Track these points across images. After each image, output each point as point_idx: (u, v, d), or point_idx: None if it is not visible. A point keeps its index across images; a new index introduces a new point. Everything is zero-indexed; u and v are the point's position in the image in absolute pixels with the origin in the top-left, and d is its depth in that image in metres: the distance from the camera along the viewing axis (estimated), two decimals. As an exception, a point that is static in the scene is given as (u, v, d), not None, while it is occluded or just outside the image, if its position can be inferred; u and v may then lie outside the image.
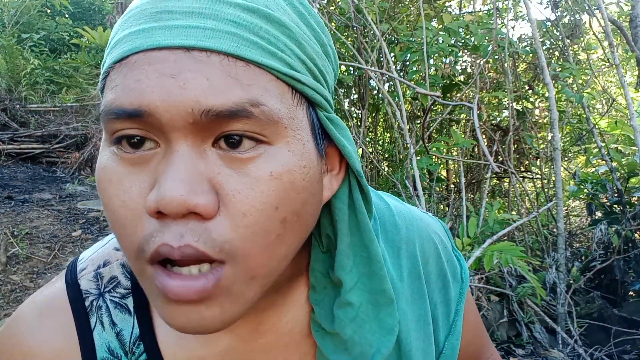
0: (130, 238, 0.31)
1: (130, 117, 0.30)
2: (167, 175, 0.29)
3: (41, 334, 0.39)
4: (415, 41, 3.81)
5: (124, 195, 0.31)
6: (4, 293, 2.61)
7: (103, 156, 0.33)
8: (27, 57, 5.89)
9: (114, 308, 0.41)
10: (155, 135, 0.31)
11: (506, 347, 2.92)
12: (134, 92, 0.29)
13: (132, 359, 0.40)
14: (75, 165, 4.90)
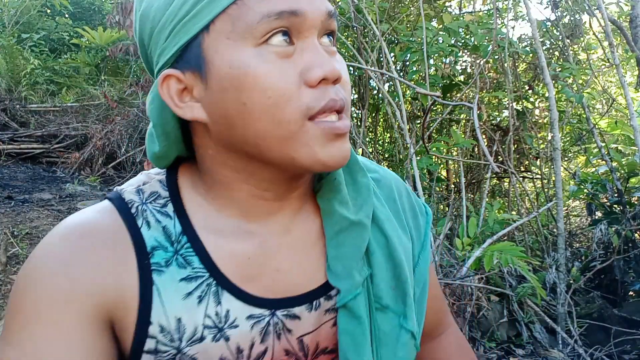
0: (294, 105, 0.43)
1: (289, 15, 0.42)
2: (322, 58, 0.44)
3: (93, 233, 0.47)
4: (415, 41, 3.81)
5: (284, 77, 0.43)
6: (4, 293, 2.61)
7: (245, 55, 0.43)
8: (27, 57, 5.89)
9: (156, 212, 0.49)
10: (294, 34, 0.44)
11: (506, 347, 2.92)
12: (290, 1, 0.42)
13: (177, 247, 0.47)
14: (75, 165, 4.89)
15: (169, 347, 0.46)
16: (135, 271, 0.45)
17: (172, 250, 0.47)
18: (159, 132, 0.49)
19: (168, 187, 0.50)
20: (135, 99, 5.58)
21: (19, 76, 5.76)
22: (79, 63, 6.26)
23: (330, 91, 0.45)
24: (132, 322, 0.45)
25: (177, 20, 0.44)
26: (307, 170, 0.46)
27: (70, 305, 0.43)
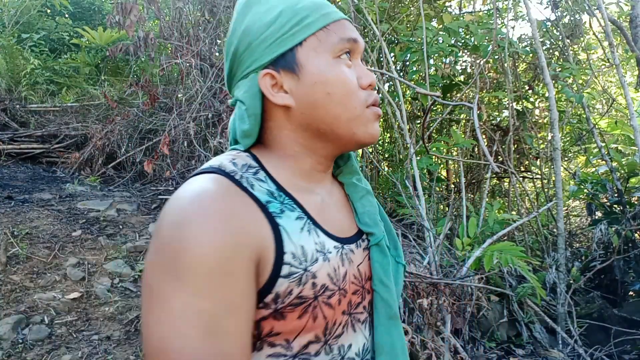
0: (357, 97, 0.65)
1: (353, 41, 0.65)
2: (367, 72, 0.67)
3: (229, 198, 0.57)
4: (415, 41, 3.81)
5: (352, 80, 0.65)
6: (4, 293, 2.61)
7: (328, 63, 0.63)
8: (27, 57, 5.89)
9: (252, 178, 0.61)
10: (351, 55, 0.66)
11: (506, 347, 2.91)
12: (353, 32, 0.65)
13: (280, 200, 0.61)
14: (75, 165, 4.89)
15: (299, 269, 0.59)
16: (264, 219, 0.58)
17: (279, 202, 0.61)
18: (250, 113, 0.65)
19: (253, 159, 0.65)
20: (135, 99, 5.58)
21: (19, 76, 5.76)
22: (79, 63, 6.26)
23: (373, 93, 0.68)
24: (271, 256, 0.57)
25: (276, 37, 0.64)
26: (360, 143, 0.68)
27: (238, 256, 0.53)
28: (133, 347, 2.41)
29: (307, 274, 0.59)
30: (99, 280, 2.87)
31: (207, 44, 4.84)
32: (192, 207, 0.54)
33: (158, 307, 0.51)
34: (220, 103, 4.43)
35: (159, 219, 0.57)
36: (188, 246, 0.51)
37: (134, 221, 3.73)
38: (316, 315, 0.60)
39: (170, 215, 0.55)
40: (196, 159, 4.55)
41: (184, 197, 0.56)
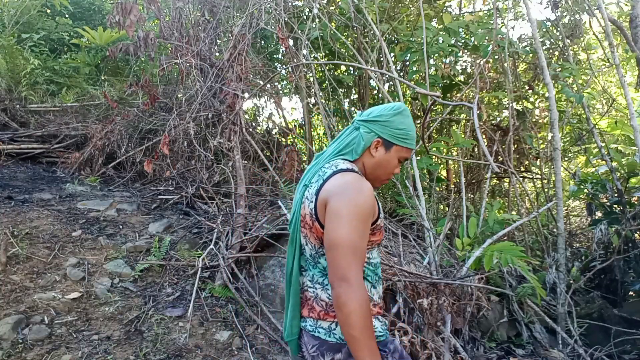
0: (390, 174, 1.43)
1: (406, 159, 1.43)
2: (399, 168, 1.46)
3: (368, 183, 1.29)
4: (415, 41, 3.81)
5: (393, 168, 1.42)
6: (4, 293, 2.61)
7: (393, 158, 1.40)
8: (27, 57, 5.88)
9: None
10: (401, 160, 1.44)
11: (506, 347, 2.91)
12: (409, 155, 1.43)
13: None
14: (75, 165, 4.88)
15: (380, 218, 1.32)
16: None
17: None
18: (362, 146, 1.37)
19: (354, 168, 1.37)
20: (135, 99, 5.58)
21: (19, 76, 5.75)
22: (79, 63, 6.25)
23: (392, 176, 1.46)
24: (376, 210, 1.30)
25: (394, 134, 1.37)
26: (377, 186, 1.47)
27: (373, 210, 1.26)
28: (133, 347, 2.41)
29: (381, 220, 1.34)
30: (99, 280, 2.87)
31: (207, 44, 4.84)
32: (362, 186, 1.24)
33: (350, 227, 1.18)
34: (220, 103, 4.43)
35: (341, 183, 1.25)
36: (364, 200, 1.22)
37: (134, 221, 3.73)
38: (381, 233, 1.36)
39: (352, 187, 1.24)
40: (196, 159, 4.55)
41: (354, 176, 1.28)
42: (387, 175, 1.40)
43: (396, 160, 1.38)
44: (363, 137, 1.36)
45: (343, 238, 1.17)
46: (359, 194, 1.21)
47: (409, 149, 1.39)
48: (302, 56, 4.28)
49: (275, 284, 3.01)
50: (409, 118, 1.39)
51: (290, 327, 1.41)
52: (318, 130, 6.37)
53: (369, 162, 1.38)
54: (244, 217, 3.61)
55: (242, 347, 2.60)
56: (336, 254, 1.17)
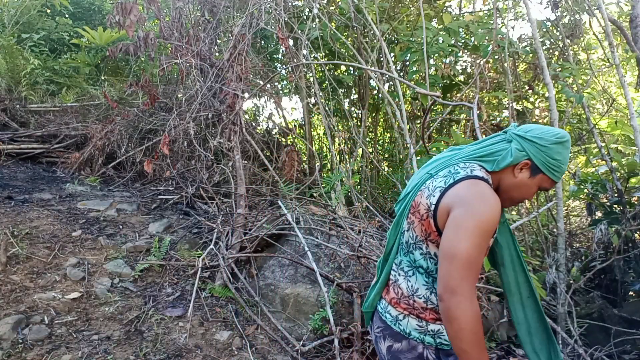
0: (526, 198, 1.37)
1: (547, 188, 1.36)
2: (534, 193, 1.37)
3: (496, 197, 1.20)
4: (415, 41, 3.81)
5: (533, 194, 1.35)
6: (4, 293, 2.61)
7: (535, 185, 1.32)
8: (27, 57, 5.88)
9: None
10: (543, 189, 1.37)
11: (506, 347, 2.91)
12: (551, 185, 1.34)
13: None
14: (75, 165, 4.88)
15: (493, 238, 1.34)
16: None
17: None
18: (508, 162, 1.29)
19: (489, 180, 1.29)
20: (135, 99, 5.58)
21: (19, 76, 5.75)
22: (79, 63, 6.25)
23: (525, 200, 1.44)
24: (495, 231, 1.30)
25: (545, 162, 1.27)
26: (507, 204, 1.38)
27: (496, 226, 1.19)
28: (133, 347, 2.41)
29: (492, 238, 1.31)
30: (99, 280, 2.87)
31: (207, 44, 4.84)
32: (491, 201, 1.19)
33: (467, 235, 1.14)
34: (220, 103, 4.43)
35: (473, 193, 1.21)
36: (491, 216, 1.17)
37: (134, 221, 3.73)
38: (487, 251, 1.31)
39: (484, 194, 1.20)
40: (196, 159, 4.55)
41: (486, 188, 1.22)
42: (521, 199, 1.33)
43: (536, 188, 1.30)
44: (512, 153, 1.28)
45: (462, 251, 1.13)
46: (488, 208, 1.17)
47: (555, 181, 1.30)
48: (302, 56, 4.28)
49: (275, 284, 3.01)
50: (568, 150, 1.29)
51: (372, 300, 1.46)
52: (318, 130, 6.37)
53: (508, 181, 1.30)
54: (244, 217, 3.61)
55: (242, 347, 2.60)
56: (451, 266, 1.14)
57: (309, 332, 2.72)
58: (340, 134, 5.18)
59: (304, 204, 3.83)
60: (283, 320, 2.85)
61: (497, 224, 1.19)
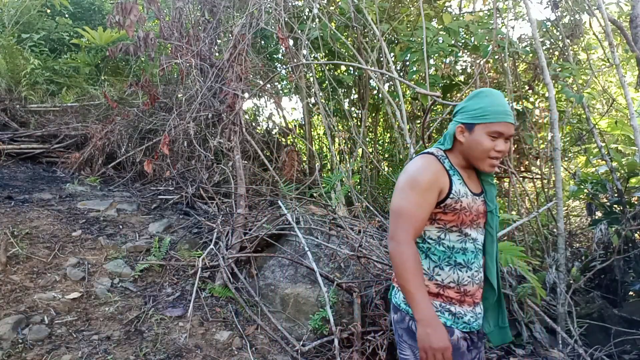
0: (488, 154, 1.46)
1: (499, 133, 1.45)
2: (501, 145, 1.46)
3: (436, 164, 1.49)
4: (415, 41, 3.81)
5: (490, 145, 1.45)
6: (4, 293, 2.61)
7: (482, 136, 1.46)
8: (27, 57, 5.87)
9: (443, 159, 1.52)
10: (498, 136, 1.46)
11: (506, 347, 2.91)
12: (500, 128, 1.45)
13: (453, 171, 1.50)
14: (75, 165, 4.88)
15: (456, 198, 1.47)
16: (446, 175, 1.48)
17: (453, 170, 1.51)
18: (449, 136, 1.55)
19: (443, 153, 1.55)
20: (135, 99, 5.58)
21: (19, 76, 5.74)
22: (79, 63, 6.25)
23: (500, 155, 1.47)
24: (446, 190, 1.46)
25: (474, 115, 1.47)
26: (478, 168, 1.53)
27: (432, 185, 1.45)
28: (133, 347, 2.41)
29: (458, 199, 1.46)
30: (99, 280, 2.87)
31: (207, 44, 4.83)
32: (422, 164, 1.47)
33: (403, 196, 1.45)
34: (220, 103, 4.42)
35: (406, 167, 1.52)
36: (421, 174, 1.45)
37: (134, 221, 3.73)
38: (460, 217, 1.47)
39: (414, 165, 1.49)
40: (196, 159, 4.55)
41: (423, 157, 1.50)
42: (484, 153, 1.45)
43: (485, 138, 1.44)
44: (449, 128, 1.55)
45: (394, 205, 1.46)
46: (418, 169, 1.46)
47: (493, 123, 1.43)
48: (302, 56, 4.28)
49: (275, 284, 3.01)
50: (487, 97, 1.46)
51: None
52: (318, 130, 6.36)
53: (461, 148, 1.50)
54: (244, 217, 3.61)
55: (242, 347, 2.60)
56: (391, 219, 1.46)
57: (309, 332, 2.72)
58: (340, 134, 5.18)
59: (304, 204, 3.83)
60: (283, 320, 2.85)
61: (433, 182, 1.43)
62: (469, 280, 1.51)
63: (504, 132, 1.43)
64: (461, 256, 1.51)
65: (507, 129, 1.44)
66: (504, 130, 1.43)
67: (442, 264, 1.51)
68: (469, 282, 1.51)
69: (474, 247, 1.52)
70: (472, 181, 1.54)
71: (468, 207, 1.48)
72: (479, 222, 1.53)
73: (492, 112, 1.43)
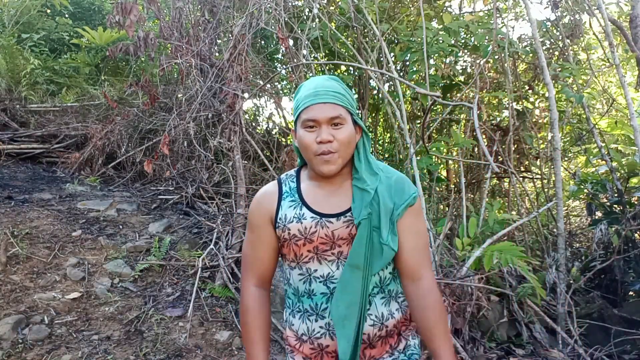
0: (312, 149, 1.13)
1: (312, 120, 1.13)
2: (323, 132, 1.12)
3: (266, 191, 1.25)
4: (415, 41, 3.80)
5: (310, 139, 1.13)
6: (4, 293, 2.61)
7: (300, 132, 1.15)
8: (27, 57, 5.87)
9: (289, 181, 1.25)
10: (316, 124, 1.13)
11: (506, 347, 2.91)
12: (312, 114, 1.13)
13: (291, 191, 1.22)
14: (75, 165, 4.89)
15: (281, 226, 1.18)
16: (276, 201, 1.21)
17: (290, 193, 1.22)
18: (298, 156, 1.27)
19: (296, 172, 1.27)
20: (135, 99, 5.58)
21: (19, 76, 5.74)
22: (79, 63, 6.25)
23: (323, 146, 1.12)
24: (274, 217, 1.20)
25: (293, 116, 1.20)
26: (318, 173, 1.17)
27: (257, 217, 1.22)
28: (133, 347, 2.41)
29: (284, 226, 1.19)
30: (99, 280, 2.87)
31: (207, 44, 4.83)
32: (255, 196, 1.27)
33: (245, 236, 1.29)
34: (220, 103, 4.42)
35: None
36: (250, 211, 1.25)
37: (134, 221, 3.73)
38: (291, 248, 1.19)
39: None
40: (196, 159, 4.55)
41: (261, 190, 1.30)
42: (309, 151, 1.14)
43: (304, 133, 1.14)
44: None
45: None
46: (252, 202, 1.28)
47: (301, 112, 1.15)
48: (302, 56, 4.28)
49: (275, 284, 3.01)
50: (302, 87, 1.20)
51: None
52: (318, 130, 6.36)
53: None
54: (244, 217, 3.61)
55: (242, 347, 2.60)
56: None
57: (309, 332, 2.72)
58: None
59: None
60: (283, 320, 2.85)
61: (254, 214, 1.23)
62: (323, 331, 1.17)
63: (317, 118, 1.11)
64: (307, 301, 1.19)
65: (320, 112, 1.12)
66: (317, 115, 1.11)
67: (294, 310, 1.24)
68: (322, 334, 1.18)
69: (326, 288, 1.16)
70: (336, 197, 1.18)
71: (300, 234, 1.15)
72: (340, 251, 1.15)
73: (300, 101, 1.16)
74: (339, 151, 1.12)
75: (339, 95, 1.15)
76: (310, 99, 1.14)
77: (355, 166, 1.19)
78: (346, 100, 1.16)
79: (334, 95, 1.14)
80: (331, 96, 1.13)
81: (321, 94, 1.13)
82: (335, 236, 1.15)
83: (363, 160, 1.20)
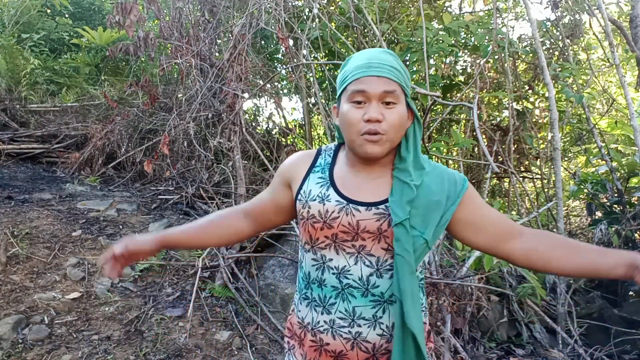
0: (357, 127, 1.00)
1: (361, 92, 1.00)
2: (372, 110, 0.99)
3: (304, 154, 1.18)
4: (415, 41, 3.81)
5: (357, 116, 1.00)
6: (4, 293, 2.61)
7: (345, 106, 1.03)
8: (27, 57, 5.87)
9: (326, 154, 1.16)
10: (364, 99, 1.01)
11: (506, 347, 2.91)
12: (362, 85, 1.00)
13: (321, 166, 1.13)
14: (75, 165, 4.88)
15: (303, 201, 1.09)
16: (306, 169, 1.14)
17: (321, 167, 1.13)
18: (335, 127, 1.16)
19: (334, 148, 1.17)
20: (135, 99, 5.58)
21: (19, 76, 5.74)
22: (79, 63, 6.24)
23: (368, 125, 1.00)
24: (297, 186, 1.12)
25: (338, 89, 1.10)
26: (360, 156, 1.05)
27: (281, 171, 1.18)
28: (133, 347, 2.41)
29: (306, 202, 1.08)
30: (99, 280, 2.87)
31: (207, 44, 4.83)
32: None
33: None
34: (220, 103, 4.42)
35: None
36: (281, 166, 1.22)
37: (134, 221, 3.73)
38: (306, 229, 1.08)
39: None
40: (196, 158, 4.55)
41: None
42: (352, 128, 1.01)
43: (349, 108, 1.01)
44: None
45: None
46: None
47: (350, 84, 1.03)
48: (302, 56, 4.28)
49: (275, 284, 3.01)
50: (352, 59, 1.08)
51: None
52: (318, 130, 6.36)
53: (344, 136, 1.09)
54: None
55: (242, 347, 2.60)
56: None
57: (309, 332, 2.72)
58: (340, 134, 5.17)
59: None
60: (283, 320, 2.85)
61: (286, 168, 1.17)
62: (327, 327, 1.05)
63: (366, 90, 0.98)
64: (317, 290, 1.07)
65: (372, 86, 0.99)
66: (367, 88, 0.98)
67: (302, 296, 1.12)
68: (326, 330, 1.05)
69: (339, 282, 1.04)
70: (370, 185, 1.06)
71: (320, 217, 1.04)
72: (363, 245, 1.03)
73: (348, 72, 1.04)
74: (387, 133, 0.99)
75: (395, 70, 1.01)
76: (361, 70, 1.00)
77: (401, 155, 1.05)
78: (402, 77, 1.02)
79: (389, 70, 1.00)
80: (387, 70, 0.99)
81: (375, 66, 0.99)
82: (359, 227, 1.01)
83: (412, 150, 1.06)
